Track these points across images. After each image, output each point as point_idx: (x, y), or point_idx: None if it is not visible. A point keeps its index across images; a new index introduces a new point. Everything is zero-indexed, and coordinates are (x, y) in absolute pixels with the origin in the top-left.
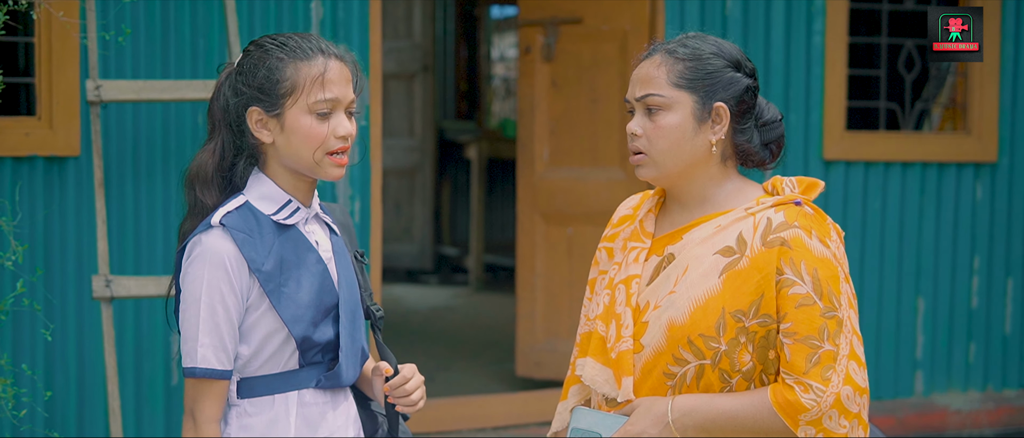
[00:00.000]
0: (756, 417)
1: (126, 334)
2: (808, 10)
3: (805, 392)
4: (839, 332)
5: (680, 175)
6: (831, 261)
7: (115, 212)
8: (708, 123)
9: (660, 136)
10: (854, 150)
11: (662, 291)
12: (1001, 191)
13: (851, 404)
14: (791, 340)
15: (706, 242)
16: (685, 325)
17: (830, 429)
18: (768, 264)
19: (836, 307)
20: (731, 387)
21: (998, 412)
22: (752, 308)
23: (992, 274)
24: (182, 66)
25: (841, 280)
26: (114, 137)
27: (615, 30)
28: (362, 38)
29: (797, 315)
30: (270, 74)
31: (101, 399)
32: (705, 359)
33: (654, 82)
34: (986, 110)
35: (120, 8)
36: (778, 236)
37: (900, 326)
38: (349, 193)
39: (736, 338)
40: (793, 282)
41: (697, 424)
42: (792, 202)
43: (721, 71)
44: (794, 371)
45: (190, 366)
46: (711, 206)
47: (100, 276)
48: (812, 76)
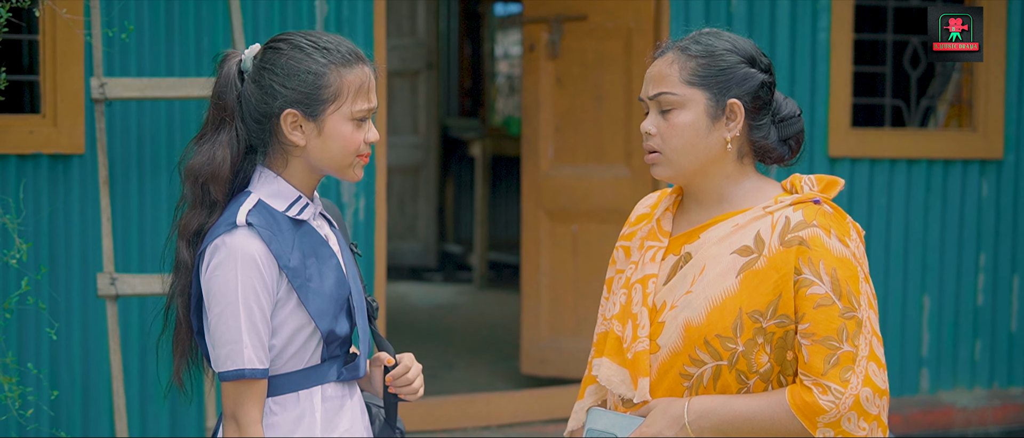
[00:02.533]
0: (773, 418)
1: (131, 332)
2: (813, 7)
3: (823, 394)
4: (858, 333)
5: (695, 173)
6: (851, 261)
7: (119, 210)
8: (722, 120)
9: (674, 135)
10: (859, 147)
11: (679, 291)
12: (1007, 188)
13: (870, 406)
14: (809, 341)
15: (723, 241)
16: (702, 326)
17: (849, 431)
18: (786, 264)
19: (855, 307)
20: (748, 388)
21: (1004, 409)
22: (770, 308)
23: (998, 271)
24: (186, 64)
25: (861, 280)
26: (118, 135)
27: (620, 27)
28: (366, 35)
29: (815, 315)
30: (314, 79)
31: (106, 398)
32: (722, 360)
33: (667, 80)
34: (992, 107)
35: (124, 5)
36: (796, 235)
37: (906, 324)
38: (353, 191)
39: (753, 339)
40: (812, 282)
41: (714, 425)
42: (811, 201)
43: (734, 67)
44: (812, 372)
45: (236, 369)
46: (729, 205)
47: (105, 274)
48: (817, 73)
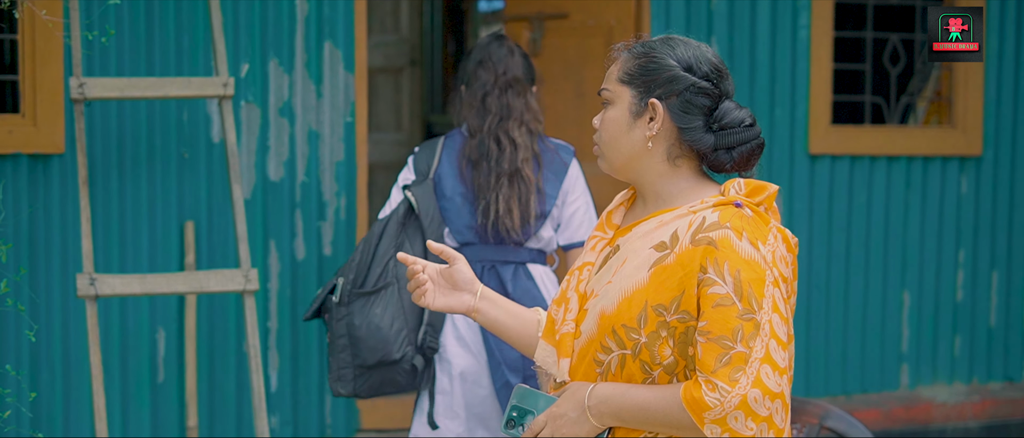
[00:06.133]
0: (666, 411)
1: (111, 333)
2: (794, 5)
3: (711, 391)
4: (755, 335)
5: (625, 168)
6: (759, 264)
7: (100, 210)
8: (644, 118)
9: (604, 128)
10: (840, 144)
11: (603, 280)
12: (986, 185)
13: (759, 407)
14: (704, 338)
15: (646, 236)
16: (613, 315)
17: (736, 429)
18: (692, 261)
19: (755, 310)
20: (653, 379)
21: (983, 404)
22: (673, 303)
23: (977, 267)
24: (167, 63)
25: (767, 283)
26: (99, 134)
27: (601, 25)
28: (347, 33)
29: (713, 314)
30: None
31: (87, 399)
32: (626, 349)
33: (608, 78)
34: (971, 104)
35: (105, 7)
36: (707, 235)
37: (886, 320)
38: (335, 189)
39: (657, 331)
40: (714, 282)
41: (611, 412)
42: (732, 203)
43: (663, 69)
44: (704, 369)
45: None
46: (663, 202)
47: (85, 274)
48: (797, 71)
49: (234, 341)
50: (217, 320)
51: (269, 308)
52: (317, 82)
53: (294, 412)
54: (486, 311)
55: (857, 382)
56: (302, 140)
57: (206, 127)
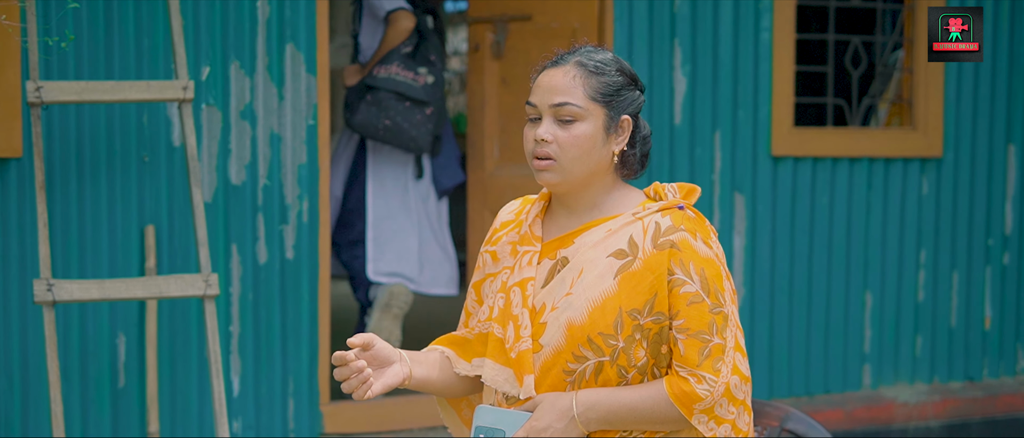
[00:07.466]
0: (654, 408)
1: (71, 337)
2: (756, 7)
3: (699, 383)
4: (726, 326)
5: (581, 182)
6: (714, 261)
7: (59, 214)
8: (614, 135)
9: (573, 144)
10: (802, 146)
11: (559, 293)
12: (946, 186)
13: (738, 392)
14: (684, 335)
15: (598, 245)
16: (585, 324)
17: (720, 416)
18: (660, 265)
19: (721, 303)
20: (627, 380)
21: (944, 404)
22: (647, 307)
23: (938, 268)
24: (126, 66)
25: (723, 278)
26: (57, 138)
27: (564, 28)
28: (309, 36)
29: (689, 312)
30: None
31: (46, 403)
32: (604, 356)
33: (571, 92)
34: (931, 106)
35: (63, 11)
36: (668, 239)
37: (848, 320)
38: (297, 192)
39: (632, 335)
40: (684, 281)
41: (601, 417)
42: (676, 207)
43: (626, 88)
44: (688, 364)
45: None
46: (599, 211)
47: (42, 280)
48: (760, 72)
49: (196, 345)
50: (178, 324)
51: (231, 312)
52: (279, 85)
53: (257, 416)
54: (416, 373)
55: (820, 382)
56: (264, 143)
57: (167, 130)
